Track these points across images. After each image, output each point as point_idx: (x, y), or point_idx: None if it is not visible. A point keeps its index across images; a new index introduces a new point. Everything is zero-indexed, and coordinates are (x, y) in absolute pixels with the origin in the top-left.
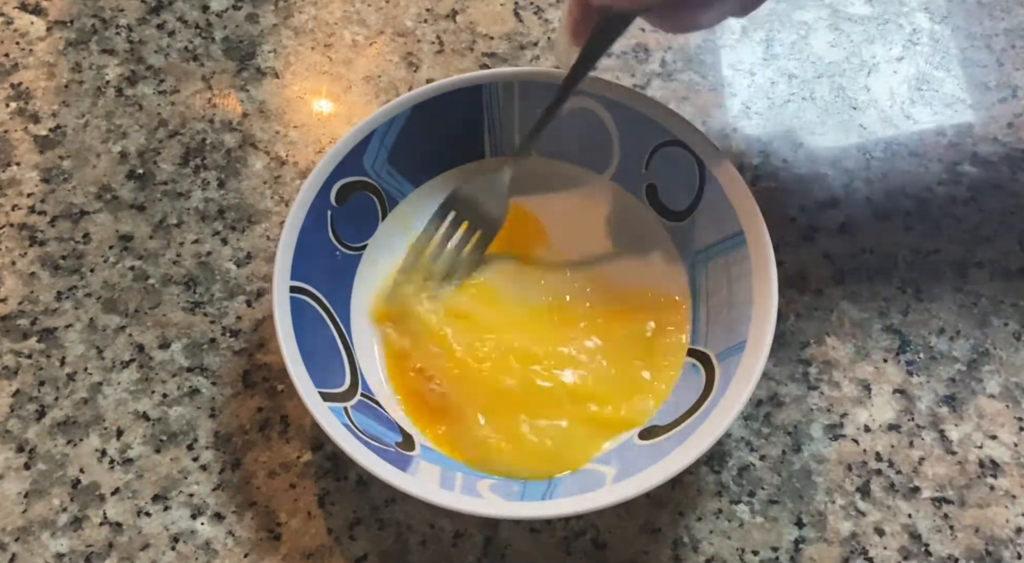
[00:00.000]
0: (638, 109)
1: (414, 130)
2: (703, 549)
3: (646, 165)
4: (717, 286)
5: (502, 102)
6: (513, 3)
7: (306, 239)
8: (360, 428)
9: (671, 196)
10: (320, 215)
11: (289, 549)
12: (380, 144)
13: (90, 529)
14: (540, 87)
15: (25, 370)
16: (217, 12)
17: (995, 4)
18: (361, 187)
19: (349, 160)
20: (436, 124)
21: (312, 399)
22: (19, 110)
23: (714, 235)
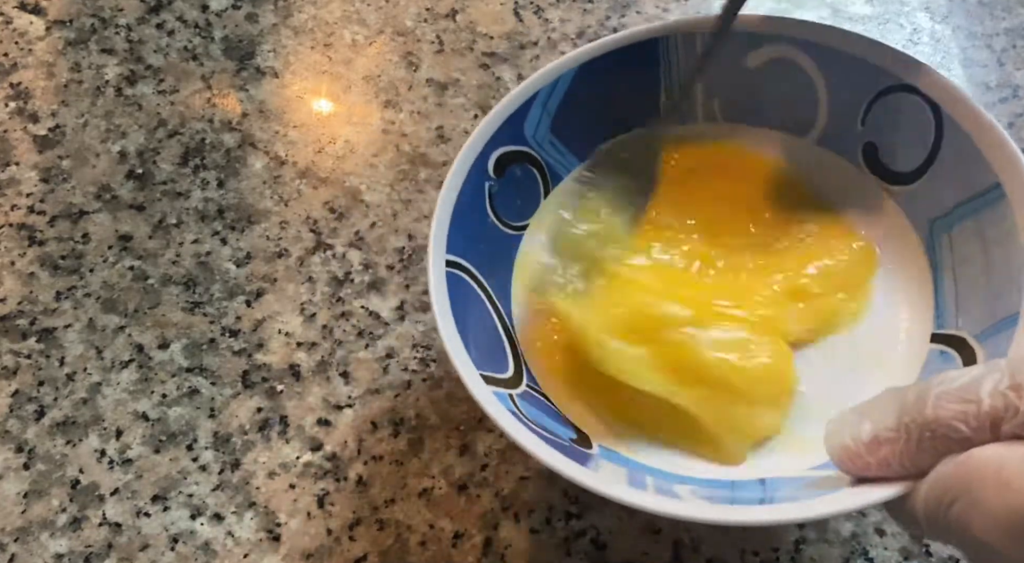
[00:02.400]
0: (850, 51)
1: (580, 93)
2: (704, 550)
3: (862, 120)
4: (968, 255)
5: (682, 59)
6: (513, 3)
7: (463, 211)
8: (529, 418)
9: (897, 154)
10: (477, 186)
11: (289, 550)
12: (543, 109)
13: (89, 529)
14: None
15: (24, 370)
16: (216, 12)
17: (996, 4)
18: (522, 158)
19: (508, 126)
20: (605, 85)
21: (473, 381)
22: (18, 110)
23: (959, 194)
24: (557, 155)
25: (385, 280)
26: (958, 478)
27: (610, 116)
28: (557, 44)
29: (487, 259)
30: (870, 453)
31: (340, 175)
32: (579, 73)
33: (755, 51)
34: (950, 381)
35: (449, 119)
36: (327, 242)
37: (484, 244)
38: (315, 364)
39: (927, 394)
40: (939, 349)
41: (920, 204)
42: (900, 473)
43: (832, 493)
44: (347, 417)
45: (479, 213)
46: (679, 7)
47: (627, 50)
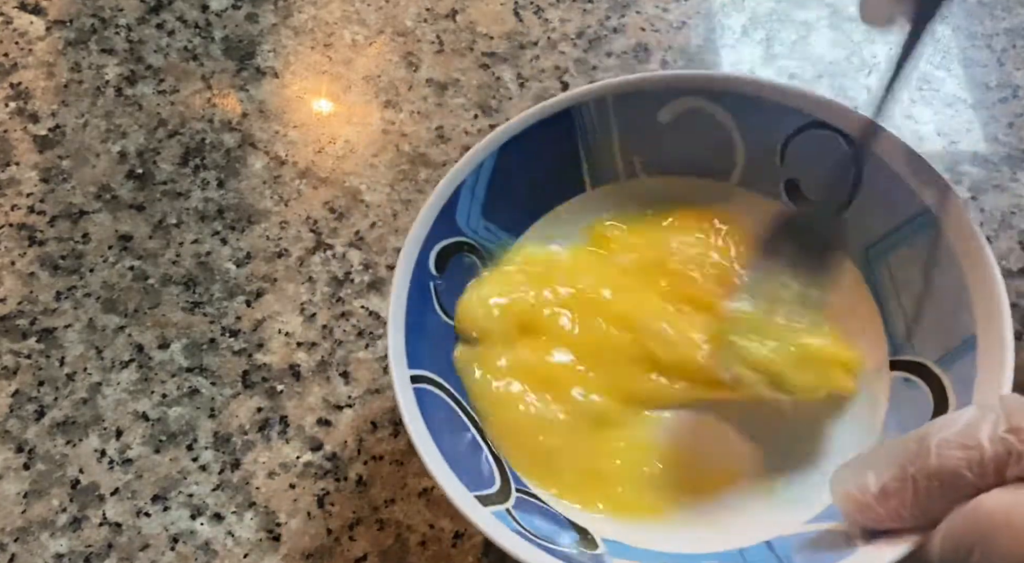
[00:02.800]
0: (758, 95)
1: (504, 174)
2: None
3: (781, 159)
4: (908, 280)
5: (597, 124)
6: (513, 3)
7: (415, 319)
8: (532, 531)
9: (819, 189)
10: (423, 289)
11: (289, 549)
12: (471, 196)
13: (89, 529)
14: (638, 98)
15: (24, 370)
16: (216, 12)
17: (996, 4)
18: (460, 249)
19: (442, 220)
20: (528, 162)
21: (472, 509)
22: (18, 110)
23: (888, 222)
24: (492, 237)
25: (385, 280)
26: (970, 528)
27: (538, 191)
28: (557, 44)
29: (445, 359)
30: (879, 504)
31: (340, 175)
32: (500, 154)
33: (666, 106)
34: (947, 427)
35: (449, 119)
36: (327, 242)
37: (439, 346)
38: (315, 364)
39: (928, 443)
40: (902, 376)
41: (851, 235)
42: (912, 523)
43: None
44: (347, 417)
45: (430, 315)
46: (678, 7)
47: (541, 125)
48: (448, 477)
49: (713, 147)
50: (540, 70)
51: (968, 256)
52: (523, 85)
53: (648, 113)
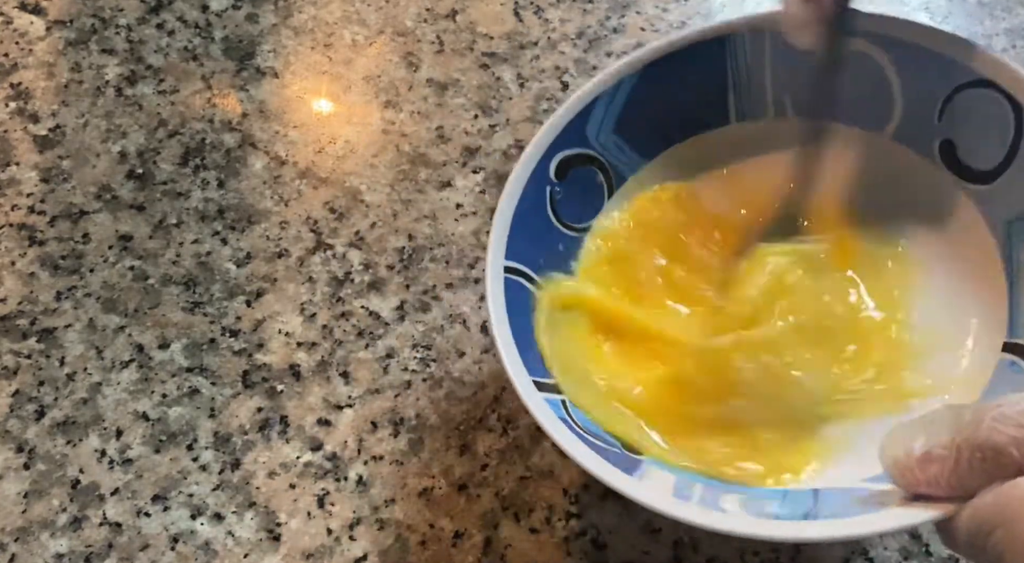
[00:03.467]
0: (926, 45)
1: (644, 94)
2: (703, 549)
3: (939, 116)
4: None
5: (750, 56)
6: (513, 3)
7: (523, 216)
8: (580, 424)
9: (975, 152)
10: (539, 191)
11: (289, 549)
12: (605, 111)
13: (90, 529)
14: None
15: (24, 370)
16: (217, 12)
17: (996, 4)
18: (584, 161)
19: (570, 130)
20: (671, 86)
21: (526, 388)
22: (18, 110)
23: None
24: (622, 156)
25: (385, 280)
26: (998, 508)
27: (678, 116)
28: (557, 44)
29: (547, 260)
30: (921, 469)
31: (340, 175)
32: (643, 74)
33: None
34: (1011, 405)
35: (449, 119)
36: (327, 242)
37: (546, 247)
38: (315, 364)
39: (983, 415)
40: (1010, 359)
41: (997, 204)
42: (948, 492)
43: (877, 511)
44: (347, 417)
45: (540, 217)
46: (679, 7)
47: (692, 49)
48: (512, 355)
49: (871, 95)
50: (540, 70)
51: None
52: (523, 85)
53: (806, 52)
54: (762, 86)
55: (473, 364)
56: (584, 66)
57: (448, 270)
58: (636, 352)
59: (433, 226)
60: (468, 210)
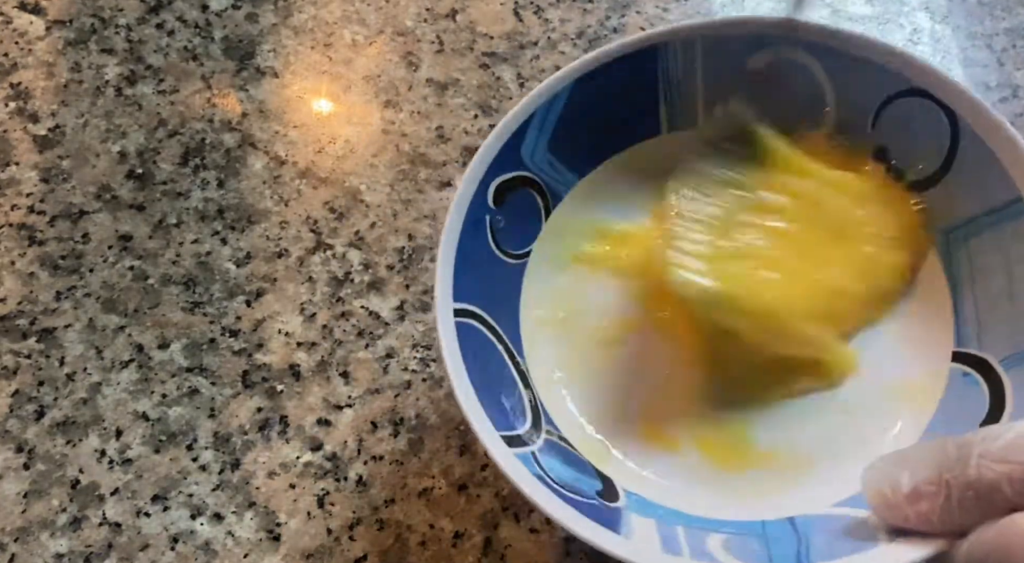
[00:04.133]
0: (860, 54)
1: (577, 109)
2: None
3: (873, 124)
4: (988, 270)
5: (682, 65)
6: (513, 3)
7: (465, 251)
8: (554, 477)
9: (910, 160)
10: (478, 221)
11: (289, 549)
12: (539, 130)
13: (89, 529)
14: (728, 42)
15: (24, 370)
16: (216, 12)
17: (996, 4)
18: (521, 183)
19: (505, 152)
20: (602, 99)
21: (498, 449)
22: (18, 110)
23: (976, 206)
24: (556, 175)
25: (385, 280)
26: (997, 544)
27: (610, 130)
28: (557, 44)
29: (494, 296)
30: (909, 505)
31: (340, 175)
32: (574, 88)
33: (757, 53)
34: (992, 439)
35: (449, 119)
36: (327, 242)
37: (489, 281)
38: (315, 364)
39: (969, 451)
40: (962, 370)
41: (934, 213)
42: (939, 528)
43: (872, 548)
44: (347, 417)
45: (482, 249)
46: (679, 7)
47: (624, 60)
48: (477, 412)
49: (802, 103)
50: (540, 70)
51: None
52: (523, 85)
53: (738, 59)
54: (694, 95)
55: None
56: None
57: None
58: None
59: (433, 226)
60: None
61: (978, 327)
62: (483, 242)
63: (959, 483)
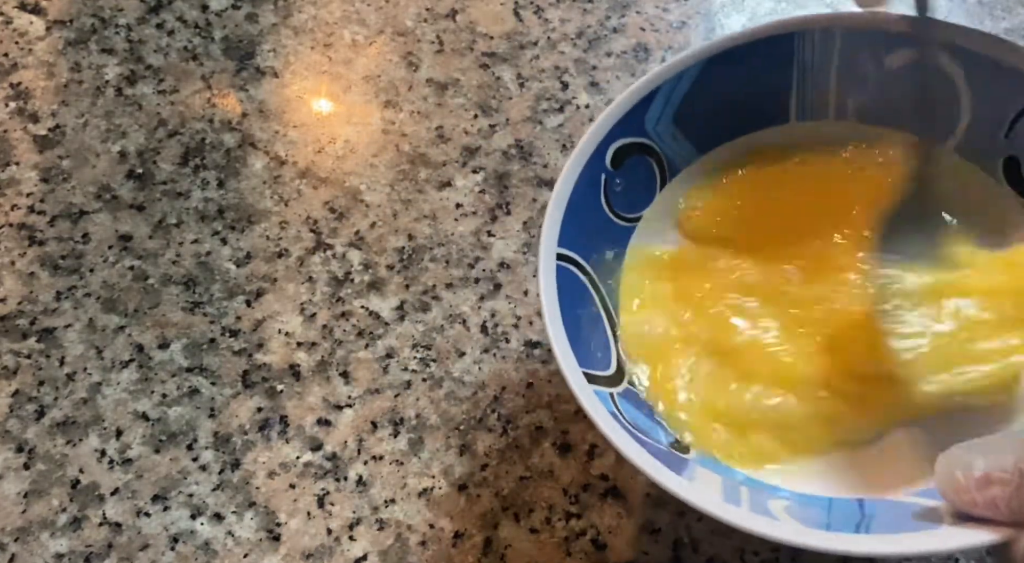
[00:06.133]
0: (1003, 59)
1: (706, 87)
2: (703, 549)
3: (1007, 132)
4: None
5: (818, 55)
6: (513, 3)
7: (576, 203)
8: (628, 419)
9: None
10: (593, 178)
11: (289, 549)
12: (666, 102)
13: (89, 529)
14: (867, 37)
15: (24, 370)
16: (216, 12)
17: (996, 4)
18: (640, 150)
19: (629, 118)
20: (733, 80)
21: (576, 379)
22: (18, 110)
23: None
24: (677, 147)
25: (385, 280)
26: None
27: (737, 111)
28: (557, 44)
29: (597, 250)
30: (979, 490)
31: (340, 175)
32: (706, 67)
33: (897, 51)
34: None
35: (449, 119)
36: (327, 242)
37: (596, 237)
38: (315, 364)
39: None
40: None
41: None
42: (1007, 516)
43: (933, 529)
44: (347, 417)
45: (593, 206)
46: (679, 7)
47: (759, 44)
48: (563, 346)
49: (937, 106)
50: (540, 70)
51: None
52: (523, 85)
53: (876, 55)
54: (826, 87)
55: (473, 364)
56: (584, 66)
57: (448, 270)
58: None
59: (433, 226)
60: (468, 210)
61: None
62: (595, 199)
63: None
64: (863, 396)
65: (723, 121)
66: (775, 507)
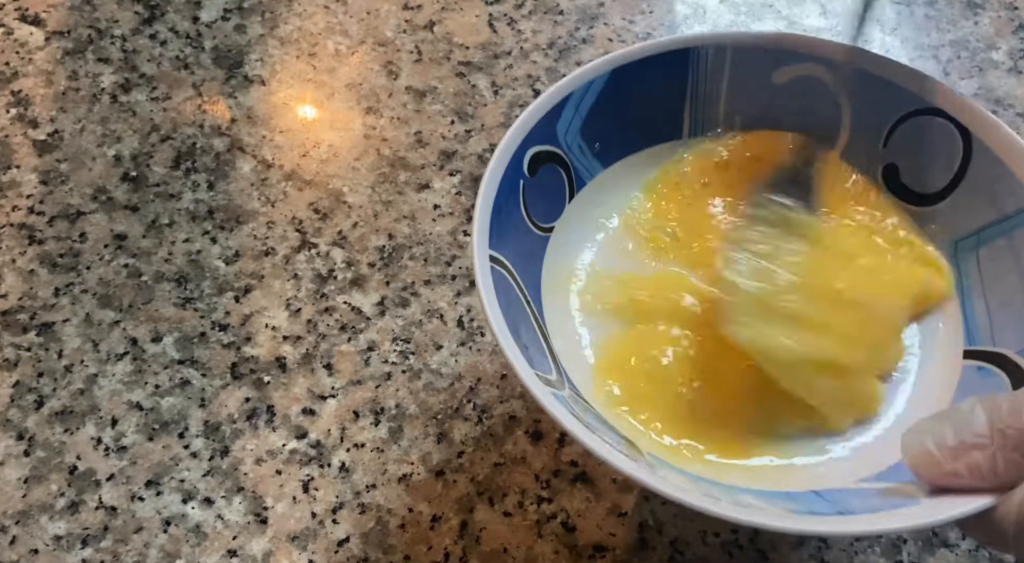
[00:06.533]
0: (877, 73)
1: (611, 99)
2: (667, 531)
3: (885, 142)
4: (1000, 273)
5: (711, 71)
6: (488, 15)
7: (499, 207)
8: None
9: (919, 176)
10: (513, 184)
11: (275, 532)
12: (575, 110)
13: (86, 513)
14: (757, 54)
15: (24, 362)
16: (207, 23)
17: (941, 17)
18: (551, 159)
19: (543, 125)
20: (634, 94)
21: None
22: (19, 116)
23: (988, 215)
24: (583, 159)
25: (366, 277)
26: None
27: (636, 126)
28: (529, 54)
29: (521, 258)
30: (955, 458)
31: (324, 178)
32: (612, 77)
33: (783, 67)
34: None
35: (427, 125)
36: (311, 241)
37: (518, 243)
38: (300, 356)
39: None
40: (976, 365)
41: (941, 226)
42: (988, 481)
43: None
44: (331, 407)
45: (514, 211)
46: (644, 19)
47: (659, 58)
48: (514, 350)
49: (818, 118)
50: (513, 78)
51: None
52: (497, 92)
53: (763, 71)
54: (717, 101)
55: (450, 356)
56: (555, 75)
57: (426, 267)
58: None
59: (412, 226)
60: (445, 211)
61: (990, 326)
62: (516, 205)
63: (1015, 431)
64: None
65: (623, 136)
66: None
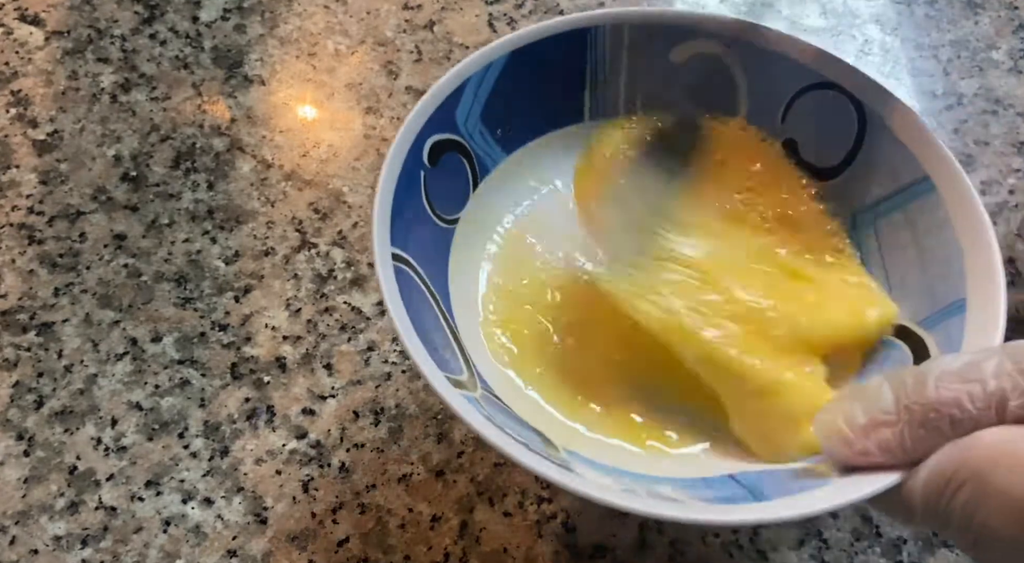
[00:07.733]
0: (773, 48)
1: (510, 83)
2: (667, 531)
3: (783, 117)
4: (897, 245)
5: (609, 52)
6: (487, 15)
7: (401, 202)
8: (497, 423)
9: (817, 150)
10: (413, 175)
11: (275, 532)
12: (474, 96)
13: (86, 513)
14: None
15: (24, 362)
16: (207, 23)
17: (941, 17)
18: (453, 147)
19: (442, 112)
20: (534, 75)
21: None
22: (19, 116)
23: (885, 188)
24: (486, 146)
25: (366, 277)
26: (965, 461)
27: (538, 111)
28: None
29: (426, 253)
30: (867, 436)
31: (324, 177)
32: (510, 59)
33: (680, 45)
34: (947, 364)
35: None
36: (311, 241)
37: (422, 237)
38: (300, 356)
39: (926, 377)
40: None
41: (841, 199)
42: (900, 458)
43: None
44: (330, 407)
45: (416, 205)
46: None
47: (556, 39)
48: (421, 353)
49: (717, 95)
50: None
51: (965, 221)
52: None
53: (661, 50)
54: (617, 82)
55: None
56: None
57: None
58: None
59: None
60: None
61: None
62: (417, 197)
63: (920, 406)
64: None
65: (525, 121)
66: (664, 492)
